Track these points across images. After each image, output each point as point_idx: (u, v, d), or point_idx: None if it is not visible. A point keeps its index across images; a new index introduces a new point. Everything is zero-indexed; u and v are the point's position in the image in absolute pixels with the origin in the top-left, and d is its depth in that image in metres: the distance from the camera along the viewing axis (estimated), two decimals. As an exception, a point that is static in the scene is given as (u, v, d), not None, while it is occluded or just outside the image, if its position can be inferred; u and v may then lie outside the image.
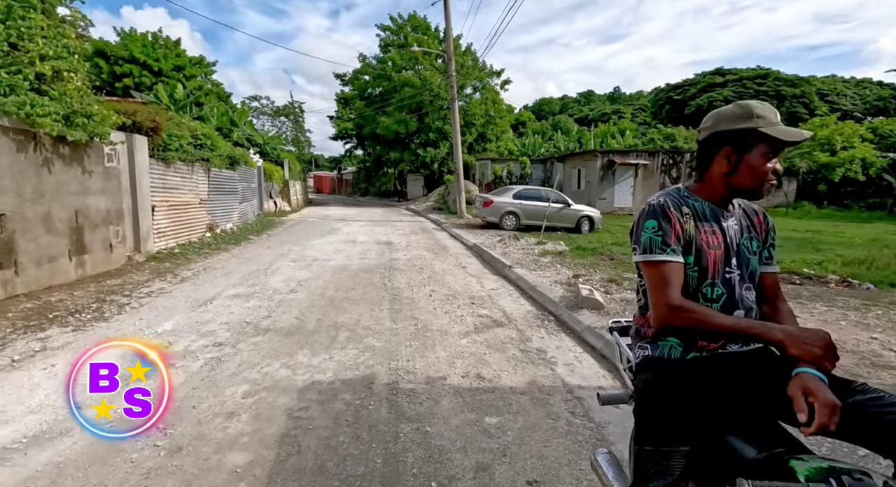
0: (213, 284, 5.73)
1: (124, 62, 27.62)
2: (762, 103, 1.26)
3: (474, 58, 30.66)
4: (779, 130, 1.19)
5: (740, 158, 1.23)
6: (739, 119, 1.23)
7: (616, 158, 20.05)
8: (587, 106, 71.80)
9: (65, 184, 5.17)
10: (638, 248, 1.27)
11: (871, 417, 0.97)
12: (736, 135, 1.23)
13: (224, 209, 10.33)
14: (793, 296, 4.94)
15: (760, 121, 1.20)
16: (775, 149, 1.21)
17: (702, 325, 1.16)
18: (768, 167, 1.22)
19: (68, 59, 4.82)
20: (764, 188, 1.23)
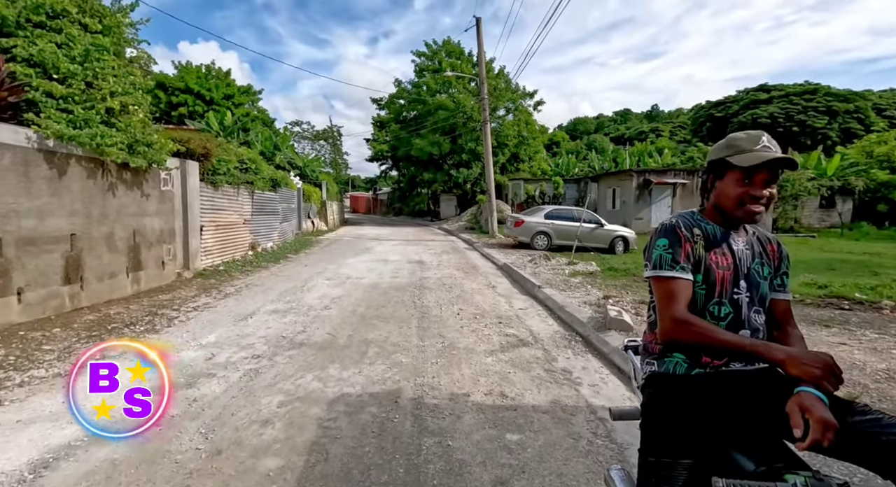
0: (253, 300, 6.04)
1: (180, 92, 29.79)
2: (747, 133, 1.35)
3: (507, 80, 31.15)
4: (739, 158, 1.29)
5: (714, 184, 1.37)
6: (720, 150, 1.36)
7: (652, 177, 19.67)
8: (623, 124, 71.00)
9: (126, 206, 5.68)
10: (649, 264, 1.35)
11: (869, 437, 0.99)
12: (716, 164, 1.36)
13: (266, 228, 10.87)
14: (840, 322, 4.70)
15: (730, 149, 1.32)
16: (749, 173, 1.29)
17: (705, 340, 1.21)
18: (738, 191, 1.30)
19: (133, 94, 5.37)
20: (741, 211, 1.31)
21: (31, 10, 4.88)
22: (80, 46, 5.07)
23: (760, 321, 1.34)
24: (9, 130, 4.20)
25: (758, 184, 1.30)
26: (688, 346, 1.28)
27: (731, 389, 1.22)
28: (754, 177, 1.29)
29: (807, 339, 4.37)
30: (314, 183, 22.06)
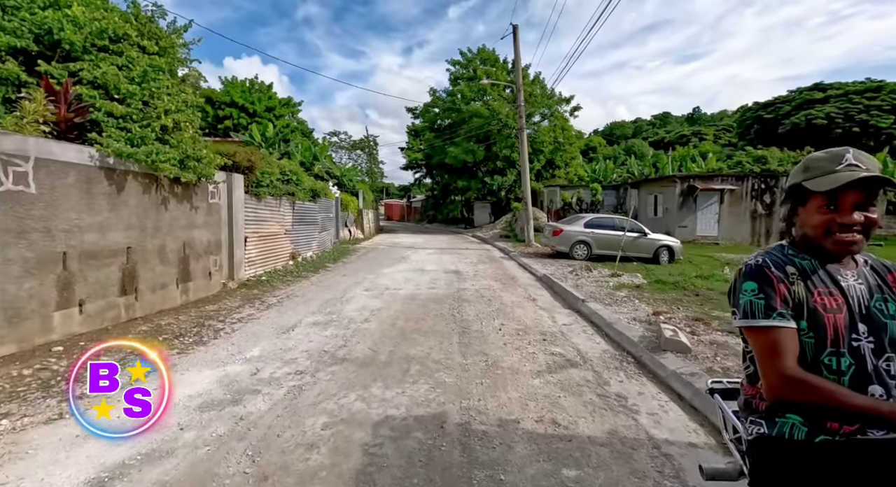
0: (294, 311, 6.11)
1: (226, 106, 31.21)
2: (828, 151, 1.18)
3: (542, 86, 30.82)
4: (815, 182, 1.13)
5: (796, 212, 1.23)
6: (796, 173, 1.21)
7: (698, 183, 18.81)
8: (663, 128, 68.71)
9: (176, 219, 5.89)
10: (738, 312, 1.19)
11: None
12: (794, 189, 1.22)
13: (305, 238, 11.09)
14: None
15: (807, 173, 1.17)
16: (832, 198, 1.12)
17: (829, 403, 1.02)
18: (821, 219, 1.14)
19: (185, 112, 5.58)
20: (829, 242, 1.14)
21: (95, 36, 5.16)
22: (138, 68, 5.31)
23: (895, 370, 1.11)
24: (74, 150, 4.42)
25: (846, 210, 1.12)
26: (805, 406, 1.09)
27: (866, 463, 1.03)
28: (840, 202, 1.12)
29: None
30: (351, 192, 22.46)
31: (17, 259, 3.89)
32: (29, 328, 4.01)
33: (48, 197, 4.14)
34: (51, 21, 4.84)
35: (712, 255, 14.27)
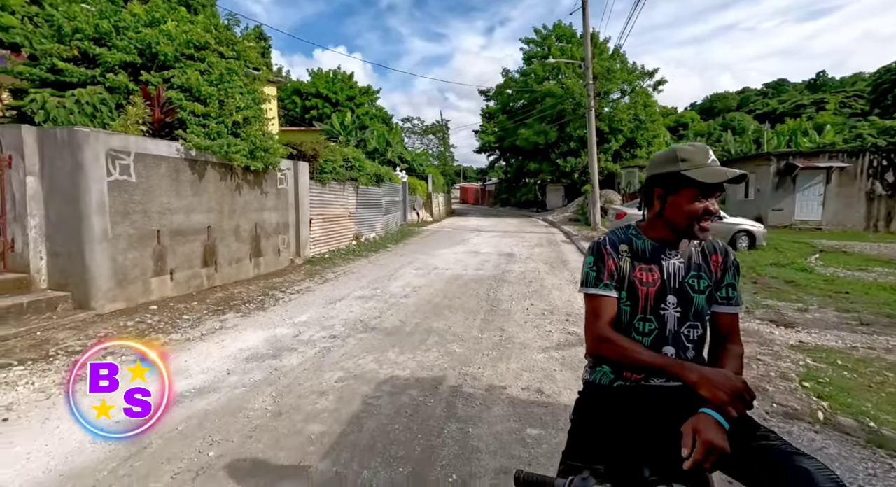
0: (346, 286, 6.79)
1: (312, 97, 33.48)
2: (693, 145, 1.29)
3: (623, 60, 28.92)
4: (700, 172, 1.23)
5: (667, 199, 1.30)
6: (668, 162, 1.29)
7: (798, 161, 16.67)
8: (776, 98, 60.48)
9: (249, 202, 6.81)
10: (580, 281, 1.39)
11: (762, 462, 1.02)
12: (665, 177, 1.30)
13: (369, 220, 11.91)
14: None
15: (684, 164, 1.25)
16: (705, 190, 1.22)
17: (623, 358, 1.25)
18: (696, 207, 1.24)
19: (253, 108, 6.41)
20: (695, 228, 1.25)
21: (183, 46, 6.09)
22: (216, 71, 6.19)
23: (695, 335, 1.31)
24: (164, 145, 5.37)
25: (713, 200, 1.26)
26: (611, 360, 1.31)
27: (647, 403, 1.24)
28: (711, 193, 1.25)
29: None
30: (421, 176, 23.24)
31: (123, 234, 4.91)
32: (133, 290, 5.05)
33: (145, 184, 5.12)
34: (150, 37, 5.82)
35: (809, 242, 12.79)
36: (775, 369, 3.19)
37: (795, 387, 2.84)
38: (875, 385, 2.88)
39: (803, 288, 6.01)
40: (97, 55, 5.56)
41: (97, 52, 5.55)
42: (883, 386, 2.85)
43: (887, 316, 4.68)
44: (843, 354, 3.51)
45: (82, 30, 5.63)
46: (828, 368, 3.20)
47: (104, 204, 4.65)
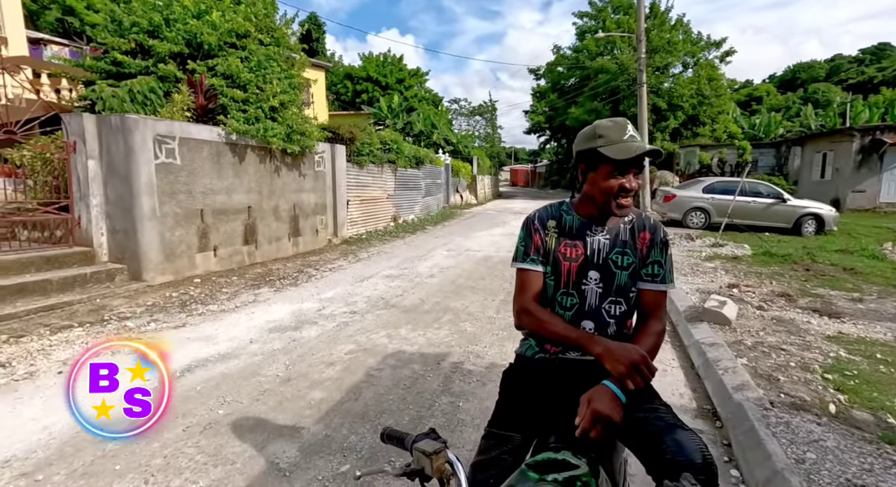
0: (377, 265, 7.01)
1: (363, 81, 34.03)
2: (611, 121, 1.26)
3: (687, 30, 26.81)
4: (613, 148, 1.20)
5: (587, 176, 1.29)
6: (588, 139, 1.27)
7: (887, 137, 14.80)
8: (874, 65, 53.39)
9: (287, 184, 7.16)
10: (512, 256, 1.41)
11: (642, 431, 1.07)
12: (585, 154, 1.28)
13: (408, 202, 12.11)
14: None
15: (601, 140, 1.23)
16: (619, 166, 1.19)
17: (541, 330, 1.29)
18: (612, 183, 1.22)
19: (290, 93, 6.68)
20: (614, 204, 1.23)
21: (225, 35, 6.43)
22: (255, 59, 6.49)
23: (618, 311, 1.30)
24: (206, 130, 5.76)
25: (629, 176, 1.22)
26: (534, 333, 1.34)
27: (563, 375, 1.26)
28: (626, 170, 1.22)
29: None
30: (465, 158, 23.13)
31: (170, 213, 5.36)
32: (180, 264, 5.53)
33: (189, 167, 5.53)
34: (196, 28, 6.19)
35: (893, 226, 11.45)
36: (798, 359, 2.96)
37: (812, 379, 2.63)
38: (910, 382, 2.61)
39: (865, 277, 5.44)
40: (150, 47, 6.01)
41: (150, 44, 6.00)
42: (919, 384, 2.58)
43: (958, 310, 4.15)
44: (888, 347, 3.19)
45: (139, 23, 6.10)
46: (862, 361, 2.92)
47: (152, 185, 5.10)
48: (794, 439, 2.01)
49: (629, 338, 1.31)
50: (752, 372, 2.82)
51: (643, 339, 1.25)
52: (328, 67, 21.26)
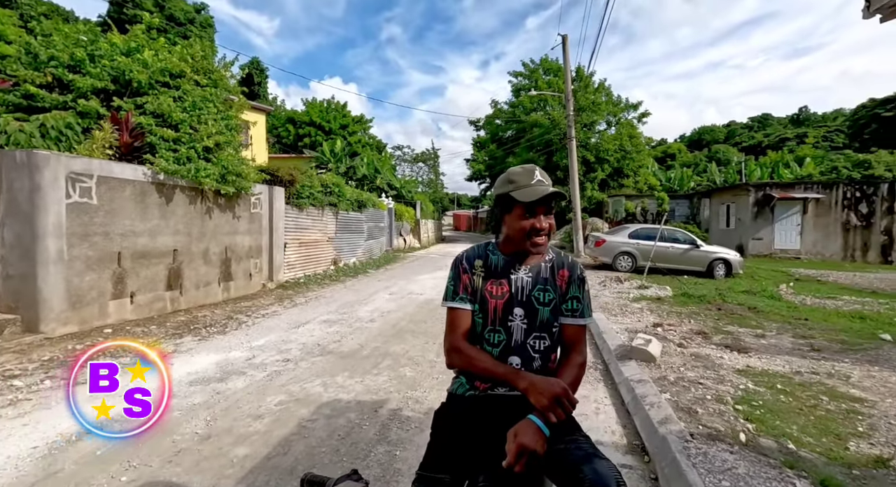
0: (314, 310, 6.75)
1: (305, 125, 34.11)
2: (522, 167, 1.39)
3: (608, 93, 29.91)
4: (521, 192, 1.32)
5: (503, 218, 1.40)
6: (503, 184, 1.39)
7: (775, 192, 17.05)
8: (761, 132, 62.38)
9: (220, 226, 6.84)
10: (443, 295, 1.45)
11: (562, 462, 1.10)
12: (501, 198, 1.39)
13: (350, 245, 11.94)
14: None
15: (512, 185, 1.35)
16: (529, 208, 1.29)
17: (470, 367, 1.33)
18: (524, 224, 1.33)
19: (226, 134, 6.54)
20: (528, 243, 1.32)
21: (158, 74, 6.27)
22: (190, 99, 6.34)
23: (542, 346, 1.36)
24: (130, 168, 5.44)
25: (539, 217, 1.33)
26: (465, 371, 1.36)
27: (492, 412, 1.28)
28: (536, 211, 1.33)
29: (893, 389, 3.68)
30: (409, 203, 23.47)
31: (80, 256, 4.89)
32: (88, 313, 4.99)
33: (107, 207, 5.14)
34: (124, 65, 5.99)
35: (786, 270, 12.95)
36: (713, 392, 3.18)
37: (726, 410, 2.83)
38: (807, 408, 2.88)
39: (766, 315, 6.05)
40: (70, 81, 5.70)
41: (70, 79, 5.70)
42: (814, 410, 2.86)
43: (840, 342, 4.71)
44: (786, 379, 3.52)
45: (58, 57, 5.80)
46: (766, 392, 3.20)
47: (61, 225, 4.66)
48: (711, 468, 2.13)
49: (553, 372, 1.37)
50: (674, 405, 2.99)
51: (565, 372, 1.31)
52: (269, 111, 21.14)
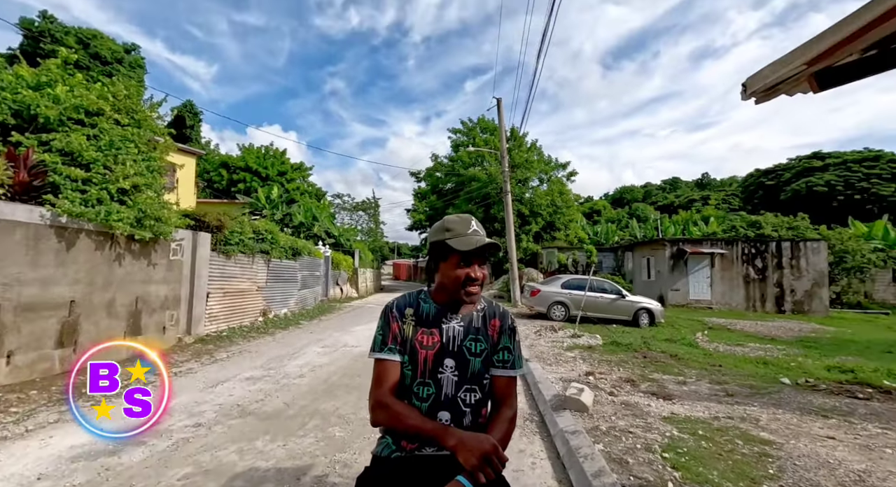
0: (237, 366, 6.17)
1: (240, 171, 33.11)
2: (458, 216, 1.39)
3: (539, 153, 32.26)
4: (458, 241, 1.31)
5: (438, 266, 1.37)
6: (439, 232, 1.38)
7: (687, 247, 18.83)
8: (672, 193, 69.84)
9: (131, 274, 6.21)
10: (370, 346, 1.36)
11: None
12: (437, 246, 1.37)
13: (282, 295, 11.32)
14: (843, 413, 4.08)
15: (448, 233, 1.34)
16: (465, 257, 1.28)
17: (397, 425, 1.23)
18: (459, 273, 1.30)
19: (146, 176, 6.12)
20: (463, 292, 1.30)
21: (70, 110, 5.83)
22: (107, 138, 5.93)
23: (472, 399, 1.32)
24: (24, 210, 4.87)
25: (475, 267, 1.32)
26: (390, 429, 1.27)
27: (418, 475, 1.20)
28: (471, 261, 1.32)
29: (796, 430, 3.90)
30: (347, 251, 23.02)
31: (-51, 308, 4.17)
32: (-51, 375, 4.19)
33: (-9, 252, 4.51)
34: (30, 99, 5.53)
35: (700, 319, 14.01)
36: (642, 441, 3.24)
37: (654, 459, 2.88)
38: (725, 453, 3.01)
39: (686, 362, 6.42)
40: (-38, 113, 5.15)
41: (-38, 111, 5.15)
42: (731, 454, 2.98)
43: (750, 386, 5.08)
44: (706, 424, 3.68)
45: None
46: (689, 438, 3.31)
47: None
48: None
49: (484, 427, 1.31)
50: (607, 456, 2.99)
51: (496, 427, 1.27)
52: (201, 154, 20.35)
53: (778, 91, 2.18)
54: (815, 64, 1.91)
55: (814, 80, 2.01)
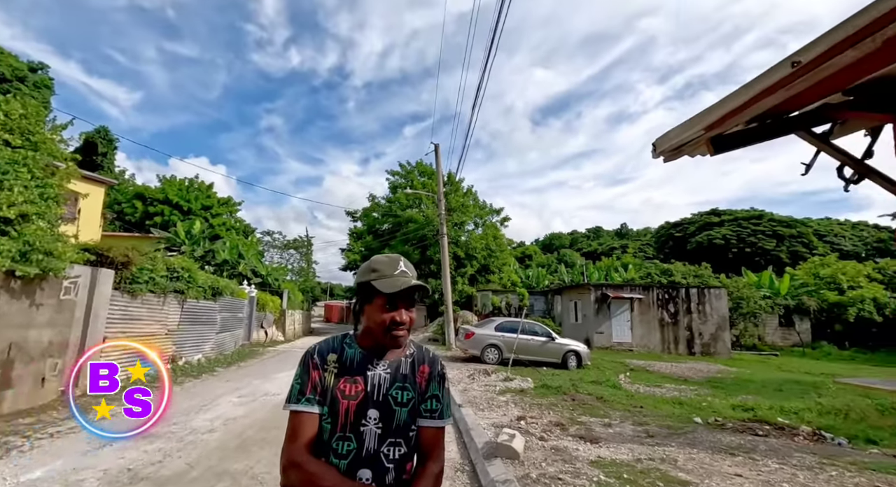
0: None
1: (159, 203, 30.81)
2: (387, 256, 1.33)
3: (475, 198, 33.45)
4: (383, 283, 1.25)
5: (363, 308, 1.30)
6: (365, 272, 1.31)
7: (609, 292, 20.05)
8: (596, 241, 74.98)
9: (6, 316, 5.34)
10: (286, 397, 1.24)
11: None
12: (363, 287, 1.30)
13: (196, 339, 10.31)
14: (747, 450, 4.38)
15: (374, 274, 1.27)
16: (391, 300, 1.24)
17: None
18: (384, 316, 1.24)
19: (38, 205, 5.44)
20: (388, 336, 1.24)
21: (-51, 128, 5.16)
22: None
23: (397, 454, 1.21)
24: None
25: (401, 310, 1.26)
26: None
27: None
28: (397, 304, 1.26)
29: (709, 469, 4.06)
30: (275, 291, 21.77)
31: None
32: None
33: None
34: None
35: (623, 361, 14.70)
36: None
37: (582, 508, 2.85)
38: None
39: (610, 404, 6.63)
40: None
41: None
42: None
43: (668, 426, 5.32)
44: (630, 467, 3.76)
45: None
46: (615, 482, 3.35)
47: None
48: None
49: (408, 484, 1.22)
50: (537, 507, 2.92)
51: (421, 484, 1.18)
52: (112, 183, 18.71)
53: (682, 151, 2.46)
54: (711, 130, 2.18)
55: (710, 144, 2.30)
